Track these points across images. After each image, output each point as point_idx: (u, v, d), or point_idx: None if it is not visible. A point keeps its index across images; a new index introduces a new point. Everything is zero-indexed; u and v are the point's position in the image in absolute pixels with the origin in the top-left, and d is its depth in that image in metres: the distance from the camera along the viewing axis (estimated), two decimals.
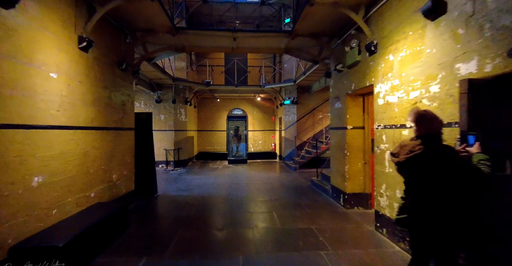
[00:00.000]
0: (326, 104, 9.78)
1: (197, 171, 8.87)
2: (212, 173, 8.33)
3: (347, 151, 4.44)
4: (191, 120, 10.86)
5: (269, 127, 12.61)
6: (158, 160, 9.21)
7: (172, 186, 6.42)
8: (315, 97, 9.76)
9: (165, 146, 9.37)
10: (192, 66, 10.68)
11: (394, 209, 3.08)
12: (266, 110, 12.59)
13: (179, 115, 9.62)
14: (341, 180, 4.65)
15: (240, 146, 11.43)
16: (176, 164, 9.44)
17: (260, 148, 12.57)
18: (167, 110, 9.44)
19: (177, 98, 9.54)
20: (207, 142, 12.41)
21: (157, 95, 9.29)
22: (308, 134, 9.72)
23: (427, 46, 2.53)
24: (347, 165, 4.44)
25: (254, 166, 10.03)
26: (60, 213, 2.75)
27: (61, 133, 2.82)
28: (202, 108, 12.35)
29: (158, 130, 9.40)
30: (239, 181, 6.97)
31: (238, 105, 12.52)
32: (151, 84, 8.90)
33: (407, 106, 2.86)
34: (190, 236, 3.40)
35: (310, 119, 9.79)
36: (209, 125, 12.40)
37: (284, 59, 10.02)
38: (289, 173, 8.19)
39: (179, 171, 8.77)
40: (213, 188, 6.13)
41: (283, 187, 6.28)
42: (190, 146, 10.63)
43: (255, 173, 8.28)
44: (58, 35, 2.79)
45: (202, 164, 10.50)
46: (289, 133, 9.89)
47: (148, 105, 9.42)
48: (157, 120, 9.40)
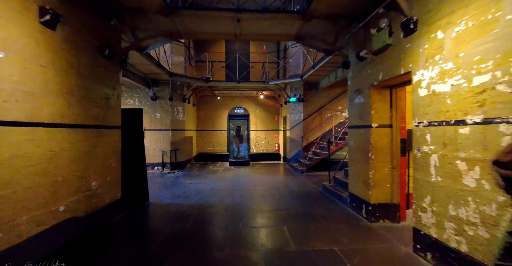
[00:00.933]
0: (335, 101, 9.10)
1: (195, 174, 8.18)
2: (211, 177, 7.64)
3: (372, 154, 3.75)
4: (190, 119, 10.18)
5: (273, 126, 11.93)
6: (153, 162, 8.54)
7: (166, 192, 5.73)
8: (323, 94, 9.08)
9: (161, 147, 8.68)
10: (191, 61, 10.01)
11: (446, 230, 2.38)
12: (270, 108, 11.91)
13: (176, 113, 8.93)
14: (363, 188, 3.95)
15: (241, 147, 10.75)
16: (173, 166, 8.75)
17: (263, 149, 11.87)
18: (164, 108, 8.75)
19: (174, 95, 8.86)
20: (206, 143, 11.72)
21: (153, 92, 8.61)
22: (316, 134, 9.03)
23: (507, 10, 1.84)
24: (372, 170, 3.75)
25: (257, 168, 9.34)
26: (7, 239, 2.06)
27: (11, 131, 2.14)
28: (201, 106, 11.68)
29: (153, 130, 8.72)
30: (242, 186, 6.28)
31: (240, 103, 11.84)
32: (146, 80, 8.22)
33: (468, 96, 2.17)
34: (184, 260, 2.71)
35: (317, 118, 9.10)
36: (209, 125, 11.72)
37: (290, 53, 9.34)
38: (295, 177, 7.49)
39: (176, 174, 8.08)
40: (213, 195, 5.43)
41: (291, 193, 5.58)
42: (189, 147, 9.95)
43: (258, 177, 7.59)
44: (7, 0, 2.11)
45: (201, 166, 9.81)
46: (294, 133, 9.20)
47: (143, 102, 8.74)
48: (152, 119, 8.72)
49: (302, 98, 8.89)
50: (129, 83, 8.16)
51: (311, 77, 8.03)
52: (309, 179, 7.16)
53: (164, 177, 7.68)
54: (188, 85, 9.39)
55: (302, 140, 8.14)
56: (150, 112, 8.72)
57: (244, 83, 9.27)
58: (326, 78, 8.05)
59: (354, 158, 4.29)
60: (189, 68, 10.01)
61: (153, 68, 7.04)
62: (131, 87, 8.65)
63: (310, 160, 8.18)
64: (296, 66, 9.16)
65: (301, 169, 7.93)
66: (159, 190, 5.96)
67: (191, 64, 10.22)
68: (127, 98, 8.68)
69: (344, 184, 5.18)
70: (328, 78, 7.91)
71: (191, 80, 8.77)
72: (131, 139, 4.63)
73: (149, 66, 6.87)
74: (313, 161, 8.11)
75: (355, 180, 4.24)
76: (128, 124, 4.55)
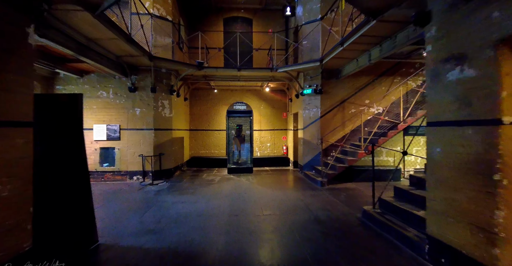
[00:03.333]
0: (360, 94, 7.25)
1: (184, 186, 6.34)
2: (204, 191, 5.80)
3: (503, 176, 1.90)
4: (180, 116, 8.34)
5: (280, 125, 10.07)
6: (132, 169, 6.73)
7: (134, 220, 3.89)
8: (345, 85, 7.23)
9: (141, 151, 6.85)
10: (181, 44, 8.15)
11: None
12: (276, 104, 10.06)
13: (161, 108, 7.10)
14: (476, 238, 2.10)
15: (243, 150, 8.91)
16: (157, 175, 6.93)
17: (269, 152, 10.02)
18: (145, 101, 6.92)
19: (159, 86, 7.03)
20: (201, 145, 9.89)
21: (131, 81, 6.79)
22: (336, 135, 7.19)
23: None
24: (503, 207, 1.90)
25: (263, 177, 7.49)
26: None
27: None
28: (195, 101, 9.84)
29: (131, 129, 6.89)
30: (243, 209, 4.44)
31: (241, 97, 9.99)
32: (120, 65, 6.39)
33: None
34: None
35: (338, 115, 7.25)
36: (204, 123, 9.88)
37: (303, 34, 7.49)
38: (316, 192, 5.64)
39: (159, 186, 6.25)
40: (200, 228, 3.59)
41: (319, 225, 3.74)
42: (178, 150, 8.11)
43: (266, 191, 5.74)
44: None
45: (194, 174, 7.97)
46: (309, 133, 7.36)
47: (119, 94, 6.91)
48: (130, 116, 6.89)
49: (320, 89, 7.04)
50: (96, 68, 6.34)
51: (334, 61, 6.18)
52: (335, 195, 5.31)
53: (142, 191, 5.85)
54: (176, 74, 7.55)
55: (322, 143, 6.28)
56: (128, 107, 6.89)
57: (246, 70, 7.42)
58: (353, 62, 6.19)
59: (445, 178, 2.43)
60: (179, 54, 8.18)
61: (124, 46, 5.21)
62: (102, 75, 6.83)
63: (332, 169, 6.32)
64: (312, 49, 7.31)
65: (321, 181, 6.08)
66: (125, 215, 4.13)
67: (182, 49, 8.38)
68: (98, 90, 6.86)
69: (400, 211, 3.34)
70: (356, 61, 6.06)
71: (179, 66, 6.93)
72: (59, 142, 2.79)
73: (117, 42, 5.03)
74: (336, 170, 6.25)
75: (450, 219, 2.38)
76: (52, 120, 2.73)
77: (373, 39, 4.84)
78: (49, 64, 5.68)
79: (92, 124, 6.82)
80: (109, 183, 6.64)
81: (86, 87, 6.84)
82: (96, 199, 5.12)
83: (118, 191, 5.80)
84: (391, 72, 7.29)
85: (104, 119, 6.86)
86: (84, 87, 6.83)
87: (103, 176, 6.84)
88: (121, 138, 6.88)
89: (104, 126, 6.84)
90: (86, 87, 6.83)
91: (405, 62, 7.20)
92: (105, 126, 6.84)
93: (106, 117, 6.87)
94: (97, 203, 4.78)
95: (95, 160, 6.82)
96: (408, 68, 7.30)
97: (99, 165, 6.84)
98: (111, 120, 6.88)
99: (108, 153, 6.88)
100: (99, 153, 6.83)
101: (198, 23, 9.69)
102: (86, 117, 6.82)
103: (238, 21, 10.05)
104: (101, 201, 5.00)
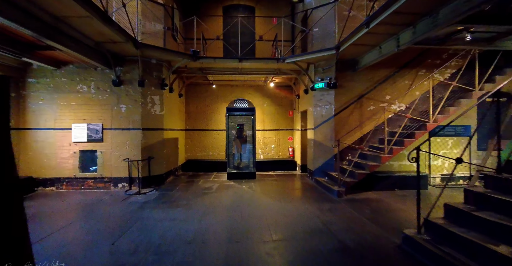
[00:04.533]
0: (379, 89, 6.31)
1: (175, 196, 5.40)
2: (198, 203, 4.87)
3: None
4: (173, 115, 7.41)
5: (286, 125, 9.13)
6: (116, 176, 5.81)
7: (103, 250, 2.96)
8: (363, 78, 6.29)
9: (127, 154, 5.92)
10: (176, 33, 7.21)
11: None
12: (282, 101, 9.11)
13: (150, 105, 6.16)
14: None
15: (244, 152, 7.97)
16: (146, 182, 6.00)
17: (273, 154, 9.07)
18: (131, 97, 5.99)
19: (148, 79, 6.10)
20: (198, 146, 8.95)
21: (115, 74, 5.86)
22: (352, 136, 6.25)
23: None
24: None
25: (267, 184, 6.55)
26: None
27: None
28: (191, 98, 8.90)
29: (116, 129, 5.97)
30: (247, 230, 3.50)
31: (242, 94, 9.04)
32: (103, 55, 5.47)
33: None
34: None
35: (355, 113, 6.31)
36: (201, 123, 8.95)
37: (313, 20, 6.53)
38: (333, 205, 4.69)
39: (146, 196, 5.32)
40: (190, 263, 2.65)
41: (346, 256, 2.80)
42: (171, 152, 7.18)
43: (273, 205, 4.80)
44: None
45: (189, 181, 7.03)
46: (321, 133, 6.42)
47: (102, 89, 5.98)
48: (115, 113, 5.96)
49: (334, 83, 6.10)
50: (74, 58, 5.42)
51: (353, 48, 5.23)
52: (358, 210, 4.36)
53: (125, 202, 4.92)
54: (168, 66, 6.61)
55: (339, 145, 5.32)
56: (112, 104, 5.96)
57: (248, 61, 6.46)
58: (375, 51, 5.25)
59: None
60: (172, 44, 7.24)
61: (101, 28, 4.27)
62: (82, 67, 5.89)
63: (351, 176, 5.37)
64: (324, 37, 6.36)
65: (338, 190, 5.14)
66: (95, 239, 3.20)
67: (176, 39, 7.43)
68: (78, 83, 5.92)
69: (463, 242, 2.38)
70: (378, 49, 5.12)
71: (171, 55, 5.98)
72: None
73: (92, 23, 4.09)
74: (355, 177, 5.31)
75: None
76: None
77: (407, 18, 3.91)
78: (13, 51, 4.75)
79: (71, 123, 5.88)
80: (90, 192, 5.71)
81: (64, 80, 5.90)
82: (67, 214, 4.20)
83: (97, 203, 4.87)
84: (415, 63, 6.35)
85: (85, 117, 5.93)
86: (61, 80, 5.89)
87: (84, 183, 5.91)
88: (104, 140, 5.95)
89: (85, 125, 5.91)
90: (63, 80, 5.90)
91: (431, 52, 6.26)
92: (85, 125, 5.91)
93: (87, 115, 5.94)
94: (65, 221, 3.86)
95: (74, 165, 5.88)
96: (434, 58, 6.35)
97: (79, 171, 5.90)
98: (93, 119, 5.94)
99: (89, 156, 5.95)
100: (78, 157, 5.90)
101: (195, 11, 8.74)
102: (64, 115, 5.89)
103: (239, 9, 9.10)
104: (72, 217, 4.07)
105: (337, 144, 5.31)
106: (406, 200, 4.92)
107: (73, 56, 5.27)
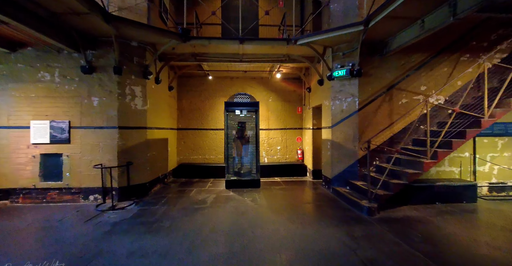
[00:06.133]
0: (413, 78, 5.12)
1: (158, 213, 4.21)
2: (187, 226, 3.67)
3: None
4: (161, 110, 6.21)
5: (293, 123, 7.93)
6: (87, 186, 4.68)
7: None
8: (393, 64, 5.11)
9: (100, 159, 4.74)
10: (163, 12, 5.98)
11: None
12: (289, 95, 7.91)
13: (130, 97, 4.98)
14: None
15: (246, 156, 6.76)
16: (125, 193, 4.82)
17: (279, 157, 7.87)
18: (105, 87, 4.80)
19: (127, 66, 4.91)
20: (193, 148, 7.75)
21: (86, 59, 4.67)
22: (380, 136, 5.06)
23: None
24: None
25: (275, 196, 5.37)
26: None
27: None
28: (184, 92, 7.71)
29: (86, 128, 4.79)
30: None
31: (243, 88, 7.85)
32: (69, 34, 4.29)
33: None
34: None
35: (384, 107, 5.12)
36: (196, 121, 7.75)
37: None
38: (367, 229, 3.50)
39: (121, 213, 4.13)
40: None
41: None
42: (159, 156, 5.99)
43: (286, 229, 3.61)
44: None
45: (180, 190, 5.84)
46: (341, 133, 5.23)
47: (69, 77, 4.79)
48: (85, 108, 4.78)
49: (358, 69, 4.91)
50: (30, 37, 4.23)
51: (385, 24, 4.05)
52: (404, 238, 3.16)
53: (92, 223, 3.73)
54: (154, 50, 5.41)
55: (369, 147, 4.12)
56: (81, 96, 4.78)
57: (251, 42, 5.23)
58: (414, 26, 4.07)
59: None
60: (160, 26, 6.03)
61: None
62: (44, 50, 4.71)
63: (385, 188, 4.18)
64: (345, 14, 5.15)
65: (369, 207, 3.94)
66: None
67: (166, 21, 6.22)
68: (39, 70, 4.74)
69: None
70: (419, 25, 3.93)
71: (155, 35, 4.77)
72: None
73: None
74: (390, 189, 4.11)
75: None
76: None
77: None
78: None
79: (29, 121, 4.70)
80: (53, 207, 4.53)
81: (21, 66, 4.72)
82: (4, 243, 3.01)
83: (53, 225, 3.68)
84: (456, 47, 5.15)
85: (48, 113, 4.75)
86: (17, 67, 4.71)
87: (46, 195, 4.73)
88: (72, 141, 4.76)
89: (47, 123, 4.73)
90: (20, 66, 4.72)
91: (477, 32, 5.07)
92: (48, 123, 4.73)
93: (50, 110, 4.76)
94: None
95: (34, 173, 4.70)
96: (479, 41, 5.16)
97: (40, 180, 4.72)
98: (58, 115, 4.76)
99: (52, 162, 4.76)
100: (39, 163, 4.71)
101: None
102: (20, 110, 4.71)
103: None
104: (8, 250, 2.88)
105: (367, 147, 4.10)
106: (458, 220, 3.73)
107: (28, 34, 4.09)
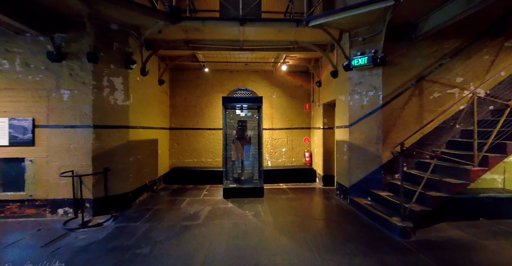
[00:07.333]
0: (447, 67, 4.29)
1: (139, 233, 3.37)
2: (172, 253, 2.84)
3: None
4: (150, 107, 5.37)
5: (300, 122, 7.09)
6: (56, 197, 3.86)
7: None
8: (423, 51, 4.28)
9: (71, 165, 3.91)
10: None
11: None
12: (295, 91, 7.06)
13: (108, 91, 4.14)
14: None
15: (247, 160, 5.92)
16: (101, 206, 3.99)
17: (284, 160, 7.03)
18: (78, 78, 3.97)
19: (104, 52, 4.08)
20: (187, 150, 6.91)
21: (54, 44, 3.85)
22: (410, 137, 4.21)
23: None
24: None
25: (282, 208, 4.53)
26: None
27: None
28: (178, 87, 6.87)
29: (55, 127, 3.96)
30: None
31: (244, 82, 7.01)
32: (33, 13, 3.46)
33: None
34: None
35: (413, 102, 4.29)
36: (191, 119, 6.91)
37: None
38: (406, 260, 2.66)
39: (93, 233, 3.29)
40: None
41: None
42: (145, 160, 5.16)
43: (301, 259, 2.78)
44: None
45: (170, 201, 5.00)
46: (361, 133, 4.40)
47: (33, 66, 3.96)
48: (53, 103, 3.95)
49: (382, 57, 4.08)
50: None
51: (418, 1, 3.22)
52: None
53: (49, 248, 2.90)
54: (137, 34, 4.55)
55: (402, 151, 3.28)
56: (49, 88, 3.95)
57: (254, 24, 4.36)
58: (453, 3, 3.24)
59: None
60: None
61: None
62: (1, 32, 3.88)
63: (419, 201, 3.34)
64: None
65: (402, 226, 3.11)
66: None
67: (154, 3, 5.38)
68: None
69: None
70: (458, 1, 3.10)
71: (138, 14, 3.92)
72: None
73: None
74: (428, 204, 3.28)
75: None
76: None
77: None
78: None
79: None
80: (10, 224, 3.70)
81: None
82: None
83: None
84: (498, 30, 4.32)
85: (6, 108, 3.93)
86: None
87: (4, 209, 3.89)
88: (37, 143, 3.93)
89: (6, 120, 3.90)
90: None
91: None
92: (7, 121, 3.90)
93: (10, 106, 3.93)
94: None
95: None
96: None
97: None
98: (19, 111, 3.93)
99: (12, 168, 3.93)
100: None
101: None
102: None
103: None
104: None
105: (399, 151, 3.26)
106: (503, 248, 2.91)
107: None
